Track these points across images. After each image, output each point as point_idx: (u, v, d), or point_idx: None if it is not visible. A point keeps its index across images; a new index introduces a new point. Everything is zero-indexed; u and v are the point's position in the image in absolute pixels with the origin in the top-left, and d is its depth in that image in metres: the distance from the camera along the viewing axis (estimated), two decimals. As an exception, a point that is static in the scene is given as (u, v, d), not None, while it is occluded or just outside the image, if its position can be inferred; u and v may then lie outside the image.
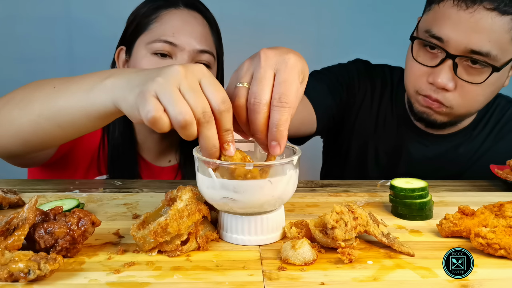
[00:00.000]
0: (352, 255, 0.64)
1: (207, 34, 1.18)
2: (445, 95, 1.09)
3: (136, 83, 0.66)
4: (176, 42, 1.12)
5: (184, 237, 0.66)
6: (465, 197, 0.95)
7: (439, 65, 1.07)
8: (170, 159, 1.31)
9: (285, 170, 0.69)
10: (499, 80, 1.11)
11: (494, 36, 1.02)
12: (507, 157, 1.15)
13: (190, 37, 1.14)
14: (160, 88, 0.62)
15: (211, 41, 1.19)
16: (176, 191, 0.73)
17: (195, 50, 1.14)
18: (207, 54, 1.16)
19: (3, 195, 0.84)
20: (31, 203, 0.65)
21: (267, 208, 0.70)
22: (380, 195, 0.94)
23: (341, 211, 0.67)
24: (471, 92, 1.08)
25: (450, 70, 1.06)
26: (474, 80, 1.07)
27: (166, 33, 1.13)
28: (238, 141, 0.79)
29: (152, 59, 1.13)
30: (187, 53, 1.13)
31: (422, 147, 1.26)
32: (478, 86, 1.07)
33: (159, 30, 1.14)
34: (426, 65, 1.10)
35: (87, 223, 0.65)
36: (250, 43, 2.41)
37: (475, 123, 1.26)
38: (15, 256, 0.59)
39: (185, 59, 1.12)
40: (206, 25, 1.19)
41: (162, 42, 1.12)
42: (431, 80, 1.09)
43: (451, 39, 1.04)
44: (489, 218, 0.73)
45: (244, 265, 0.64)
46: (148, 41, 1.13)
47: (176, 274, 0.61)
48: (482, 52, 1.03)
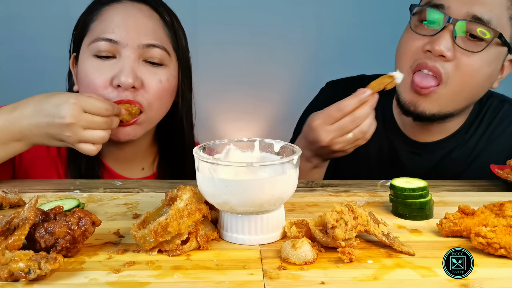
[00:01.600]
0: (352, 254, 0.64)
1: (156, 27, 1.07)
2: (442, 63, 1.07)
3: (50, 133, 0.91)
4: (116, 38, 1.02)
5: (184, 236, 0.66)
6: (465, 196, 0.95)
7: (439, 33, 1.06)
8: (143, 166, 1.20)
9: (285, 169, 0.69)
10: (494, 67, 1.10)
11: (495, 8, 1.04)
12: (501, 158, 1.16)
13: (134, 31, 1.03)
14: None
15: (162, 35, 1.08)
16: (176, 190, 0.73)
17: (141, 45, 1.03)
18: (157, 49, 1.05)
19: (3, 195, 0.84)
20: (32, 203, 0.65)
21: (267, 208, 0.70)
22: (380, 195, 0.94)
23: (341, 210, 0.67)
24: (467, 66, 1.07)
25: (449, 37, 1.05)
26: (472, 49, 1.05)
27: (106, 30, 1.03)
28: (239, 141, 0.79)
29: (93, 61, 1.04)
30: (131, 49, 1.02)
31: (415, 157, 1.25)
32: (475, 60, 1.06)
33: (99, 29, 1.04)
34: (425, 34, 1.09)
35: (87, 222, 0.65)
36: (250, 43, 2.42)
37: (467, 126, 1.24)
38: (16, 256, 0.59)
39: (130, 57, 1.02)
40: (155, 18, 1.08)
41: (101, 41, 1.02)
42: (428, 47, 1.07)
43: (453, 4, 1.05)
44: (489, 218, 0.73)
45: (244, 264, 0.64)
46: (89, 42, 1.05)
47: (176, 274, 0.61)
48: (484, 19, 1.03)
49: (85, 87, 1.05)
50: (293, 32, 2.42)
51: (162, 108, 1.10)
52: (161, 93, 1.06)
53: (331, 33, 2.43)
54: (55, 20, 2.31)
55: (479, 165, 1.22)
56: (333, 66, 2.36)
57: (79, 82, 1.08)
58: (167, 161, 1.21)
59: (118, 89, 1.02)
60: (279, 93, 2.50)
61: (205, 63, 2.42)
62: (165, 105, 1.11)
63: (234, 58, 2.43)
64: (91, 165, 1.12)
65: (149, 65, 1.05)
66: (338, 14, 2.42)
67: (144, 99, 1.04)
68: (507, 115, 1.25)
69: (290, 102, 2.47)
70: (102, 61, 1.03)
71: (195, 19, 2.37)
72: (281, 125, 2.50)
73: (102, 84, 1.02)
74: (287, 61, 2.46)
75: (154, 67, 1.06)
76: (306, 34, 2.43)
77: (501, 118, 1.25)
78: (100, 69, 1.03)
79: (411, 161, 1.25)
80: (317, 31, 2.44)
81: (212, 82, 2.42)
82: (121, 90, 1.02)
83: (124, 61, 1.02)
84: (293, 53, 2.45)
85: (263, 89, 2.48)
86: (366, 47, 2.42)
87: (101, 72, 1.03)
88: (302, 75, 2.45)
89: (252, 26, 2.39)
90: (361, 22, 2.41)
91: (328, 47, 2.44)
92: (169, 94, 1.10)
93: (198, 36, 2.37)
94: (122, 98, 1.02)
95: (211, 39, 2.38)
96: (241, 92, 2.47)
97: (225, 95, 2.48)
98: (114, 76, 1.02)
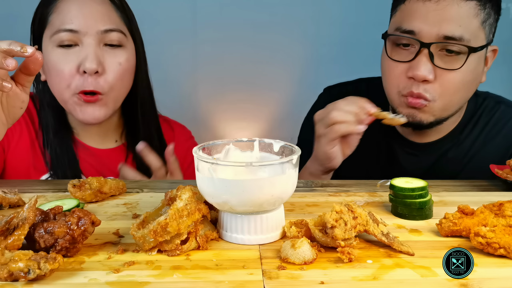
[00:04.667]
0: (351, 254, 0.65)
1: (109, 12, 1.15)
2: (426, 87, 1.09)
3: None
4: (77, 28, 1.10)
5: (183, 236, 0.66)
6: (465, 196, 0.95)
7: (415, 58, 1.08)
8: (116, 139, 1.29)
9: (284, 169, 0.69)
10: (477, 70, 1.11)
11: (464, 21, 1.05)
12: (497, 158, 1.16)
13: (91, 19, 1.11)
14: None
15: (116, 19, 1.16)
16: (176, 190, 0.73)
17: (99, 31, 1.11)
18: (115, 32, 1.13)
19: (3, 195, 0.84)
20: (31, 203, 0.65)
21: (267, 208, 0.70)
22: (380, 195, 0.94)
23: (340, 210, 0.67)
24: (450, 81, 1.08)
25: (428, 60, 1.07)
26: (452, 67, 1.07)
27: (65, 21, 1.10)
28: (238, 141, 0.79)
29: (59, 51, 1.11)
30: (91, 36, 1.10)
31: (412, 157, 1.26)
32: (457, 74, 1.08)
33: (58, 21, 1.11)
34: (403, 61, 1.11)
35: (87, 222, 0.65)
36: (250, 43, 2.42)
37: (462, 127, 1.25)
38: (15, 256, 0.59)
39: (91, 44, 1.10)
40: (107, 3, 1.15)
41: (63, 32, 1.10)
42: (410, 74, 1.09)
43: (423, 29, 1.07)
44: (489, 218, 0.73)
45: (243, 264, 0.64)
46: (51, 33, 1.12)
47: (176, 273, 0.61)
48: (455, 36, 1.05)
49: (54, 76, 1.13)
50: (293, 32, 2.42)
51: (124, 88, 1.19)
52: (121, 74, 1.16)
53: (331, 33, 2.43)
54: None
55: (476, 165, 1.23)
56: (333, 66, 2.37)
57: (47, 72, 1.16)
58: (132, 132, 1.29)
59: (84, 76, 1.11)
60: (279, 93, 2.50)
61: (205, 63, 2.43)
62: (126, 84, 1.20)
63: (234, 58, 2.42)
64: (66, 144, 1.20)
65: (109, 48, 1.14)
66: (338, 14, 2.42)
67: (106, 82, 1.13)
68: (503, 116, 1.26)
69: (290, 102, 2.47)
70: (66, 50, 1.11)
71: (195, 19, 2.37)
72: (281, 125, 2.50)
73: (69, 72, 1.11)
74: (287, 61, 2.45)
75: (114, 49, 1.14)
76: (306, 34, 2.43)
77: (497, 118, 1.26)
78: (66, 58, 1.11)
79: (408, 161, 1.26)
80: (317, 31, 2.44)
81: (212, 82, 2.42)
82: (87, 76, 1.11)
83: (87, 48, 1.10)
84: (293, 53, 2.44)
85: (263, 89, 2.48)
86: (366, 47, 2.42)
87: (67, 61, 1.11)
88: (302, 75, 2.45)
89: (252, 26, 2.39)
90: (361, 22, 2.41)
91: (328, 47, 2.44)
92: (129, 74, 1.19)
93: (198, 35, 2.37)
94: (86, 87, 1.10)
95: (211, 39, 2.38)
96: (241, 92, 2.47)
97: (225, 95, 2.47)
98: (80, 64, 1.10)
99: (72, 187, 0.87)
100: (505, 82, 2.36)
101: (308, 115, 1.43)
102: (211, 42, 2.38)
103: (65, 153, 1.19)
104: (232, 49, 2.42)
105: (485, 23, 1.09)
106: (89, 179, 0.89)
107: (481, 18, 1.07)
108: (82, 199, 0.87)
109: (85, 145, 1.24)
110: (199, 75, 2.43)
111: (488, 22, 1.09)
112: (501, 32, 1.23)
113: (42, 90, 1.20)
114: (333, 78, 1.47)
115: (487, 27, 1.10)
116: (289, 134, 1.39)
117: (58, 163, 1.17)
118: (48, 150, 1.18)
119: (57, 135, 1.19)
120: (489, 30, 1.11)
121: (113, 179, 0.92)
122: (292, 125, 1.39)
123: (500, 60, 1.25)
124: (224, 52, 2.42)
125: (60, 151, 1.18)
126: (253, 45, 2.42)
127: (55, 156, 1.17)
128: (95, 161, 1.23)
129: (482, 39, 1.09)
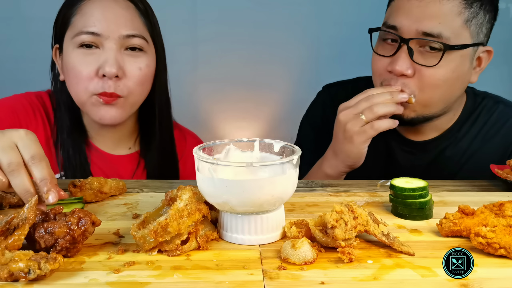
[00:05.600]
0: (352, 254, 0.65)
1: (133, 17, 1.13)
2: (405, 82, 1.11)
3: None
4: (99, 31, 1.09)
5: (184, 236, 0.66)
6: (465, 196, 0.95)
7: (396, 53, 1.11)
8: (130, 146, 1.27)
9: (284, 169, 0.69)
10: (460, 68, 1.11)
11: (445, 19, 1.07)
12: (495, 158, 1.16)
13: (114, 23, 1.10)
14: None
15: (139, 24, 1.14)
16: (176, 190, 0.73)
17: (121, 36, 1.10)
18: (137, 38, 1.12)
19: (3, 195, 0.84)
20: (31, 203, 0.65)
21: (267, 208, 0.70)
22: (380, 195, 0.94)
23: (341, 210, 0.67)
24: (429, 77, 1.10)
25: (406, 56, 1.09)
26: (429, 63, 1.08)
27: (88, 24, 1.09)
28: (238, 141, 0.79)
29: (79, 52, 1.10)
30: (113, 40, 1.09)
31: (410, 156, 1.26)
32: (436, 71, 1.09)
33: (80, 23, 1.10)
34: (385, 55, 1.14)
35: (87, 222, 0.65)
36: (250, 43, 2.42)
37: (459, 125, 1.25)
38: (15, 256, 0.59)
39: (113, 48, 1.09)
40: (131, 8, 1.14)
41: (85, 34, 1.09)
42: (389, 68, 1.12)
43: (404, 25, 1.09)
44: (489, 218, 0.73)
45: (244, 264, 0.64)
46: (73, 35, 1.11)
47: (176, 274, 0.61)
48: (434, 33, 1.07)
49: (72, 78, 1.12)
50: (293, 32, 2.42)
51: (143, 93, 1.18)
52: (141, 79, 1.14)
53: (331, 33, 2.43)
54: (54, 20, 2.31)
55: (474, 165, 1.23)
56: (333, 66, 2.37)
57: (66, 73, 1.14)
58: (148, 141, 1.28)
59: (103, 79, 1.09)
60: (279, 93, 2.50)
61: (205, 63, 2.43)
62: (146, 90, 1.18)
63: (234, 58, 2.42)
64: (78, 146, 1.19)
65: (130, 53, 1.12)
66: (338, 14, 2.42)
67: (126, 86, 1.12)
68: (502, 115, 1.26)
69: (290, 102, 2.47)
70: (87, 51, 1.10)
71: (195, 19, 2.37)
72: (281, 125, 2.50)
73: (88, 74, 1.09)
74: (287, 61, 2.45)
75: (135, 54, 1.13)
76: (306, 34, 2.43)
77: (496, 118, 1.26)
78: (86, 60, 1.10)
79: (406, 160, 1.27)
80: (317, 31, 2.44)
81: (212, 82, 2.42)
82: (106, 79, 1.09)
83: (108, 52, 1.09)
84: (293, 53, 2.44)
85: (263, 89, 2.48)
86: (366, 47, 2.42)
87: (87, 64, 1.10)
88: (302, 75, 2.45)
89: (252, 26, 2.39)
90: (361, 22, 2.41)
91: (328, 47, 2.44)
92: (149, 79, 1.18)
93: (198, 36, 2.37)
94: (106, 89, 1.09)
95: (211, 39, 2.37)
96: (241, 92, 2.47)
97: (225, 95, 2.47)
98: (99, 67, 1.09)
99: (73, 187, 0.87)
100: (505, 82, 2.36)
101: (307, 114, 1.43)
102: (211, 42, 2.38)
103: (77, 155, 1.17)
104: (232, 49, 2.42)
105: (470, 22, 1.09)
106: (89, 179, 0.89)
107: (465, 16, 1.08)
108: None
109: (98, 149, 1.22)
110: (199, 75, 2.43)
111: (475, 21, 1.09)
112: (501, 32, 1.23)
113: (60, 90, 1.19)
114: (333, 78, 1.46)
115: (473, 26, 1.10)
116: (289, 134, 1.39)
117: (70, 164, 1.16)
118: (61, 151, 1.17)
119: (71, 136, 1.18)
120: (476, 30, 1.10)
121: (113, 179, 0.92)
122: (292, 125, 1.39)
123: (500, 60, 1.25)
124: (224, 52, 2.42)
125: (73, 153, 1.17)
126: (253, 45, 2.41)
127: (67, 157, 1.16)
128: (106, 166, 1.22)
129: (466, 38, 1.09)
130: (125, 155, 1.25)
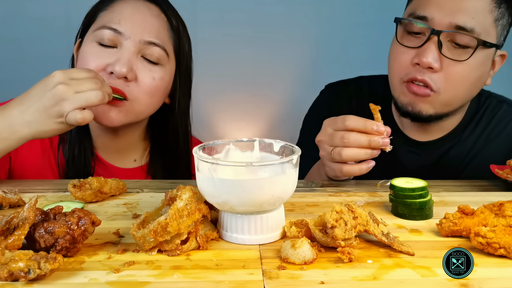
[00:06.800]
0: (352, 254, 0.65)
1: (160, 27, 1.10)
2: (431, 76, 1.08)
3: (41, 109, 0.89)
4: (121, 29, 1.05)
5: (184, 236, 0.66)
6: (465, 196, 0.95)
7: (424, 45, 1.08)
8: (135, 158, 1.23)
9: (284, 169, 0.69)
10: (483, 67, 1.11)
11: (477, 15, 1.05)
12: (499, 158, 1.16)
13: (138, 26, 1.07)
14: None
15: (164, 36, 1.11)
16: (176, 190, 0.73)
17: (142, 40, 1.06)
18: (157, 47, 1.08)
19: (3, 195, 0.84)
20: (31, 202, 0.65)
21: (267, 208, 0.70)
22: (380, 195, 0.94)
23: (341, 210, 0.67)
24: (456, 74, 1.08)
25: (436, 48, 1.07)
26: (459, 58, 1.07)
27: (113, 20, 1.07)
28: (238, 141, 0.79)
29: (94, 47, 1.06)
30: (132, 42, 1.05)
31: (414, 156, 1.25)
32: (463, 68, 1.07)
33: (106, 18, 1.08)
34: (411, 46, 1.10)
35: (87, 222, 0.65)
36: (250, 43, 2.42)
37: (464, 125, 1.24)
38: (15, 256, 0.59)
39: (130, 49, 1.05)
40: (162, 18, 1.11)
41: (106, 29, 1.05)
42: (416, 60, 1.09)
43: (436, 16, 1.06)
44: (489, 218, 0.73)
45: (244, 264, 0.64)
46: (95, 28, 1.08)
47: (176, 273, 0.61)
48: (467, 27, 1.05)
49: None
50: (293, 32, 2.42)
51: (151, 105, 1.12)
52: (152, 89, 1.09)
53: (331, 33, 2.43)
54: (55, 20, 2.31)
55: (478, 165, 1.22)
56: (333, 66, 2.37)
57: (77, 65, 1.12)
58: (159, 159, 1.24)
59: (110, 76, 1.05)
60: (279, 93, 2.50)
61: (205, 63, 2.42)
62: (155, 103, 1.13)
63: (234, 57, 2.43)
64: (83, 156, 1.15)
65: (145, 62, 1.08)
66: (338, 14, 2.42)
67: (134, 91, 1.07)
68: (506, 115, 1.26)
69: (290, 102, 2.47)
70: (102, 48, 1.06)
71: (195, 19, 2.37)
72: (281, 125, 2.50)
73: (95, 68, 1.04)
74: (287, 61, 2.46)
75: (150, 64, 1.09)
76: (306, 34, 2.43)
77: (499, 118, 1.25)
78: (98, 54, 1.06)
79: (410, 160, 1.26)
80: (317, 31, 2.44)
81: (212, 82, 2.42)
82: (113, 77, 1.05)
83: (123, 52, 1.06)
84: (293, 53, 2.45)
85: (263, 89, 2.48)
86: (367, 47, 2.42)
87: (97, 57, 1.06)
88: (302, 75, 2.45)
89: (252, 26, 2.39)
90: (362, 22, 2.41)
91: (328, 47, 2.44)
92: (161, 93, 1.13)
93: (198, 35, 2.37)
94: (111, 84, 1.04)
95: (211, 39, 2.38)
96: (241, 91, 2.47)
97: (225, 94, 2.48)
98: (110, 64, 1.05)
99: (72, 187, 0.87)
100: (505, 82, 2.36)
101: (311, 110, 1.42)
102: (211, 42, 2.38)
103: (82, 161, 1.14)
104: (232, 49, 2.42)
105: (498, 21, 1.08)
106: (89, 179, 0.88)
107: (495, 15, 1.07)
108: (82, 199, 0.87)
109: (102, 159, 1.19)
110: (199, 75, 2.43)
111: (501, 22, 1.09)
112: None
113: None
114: (333, 78, 1.46)
115: (500, 26, 1.09)
116: (289, 134, 1.39)
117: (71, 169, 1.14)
118: (66, 156, 1.14)
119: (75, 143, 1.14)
120: (501, 30, 1.10)
121: (114, 179, 0.92)
122: (292, 125, 1.39)
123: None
124: (224, 51, 2.42)
125: (78, 158, 1.14)
126: (253, 45, 2.42)
127: (72, 161, 1.13)
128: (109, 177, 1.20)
129: (493, 36, 1.09)
130: (130, 168, 1.21)
